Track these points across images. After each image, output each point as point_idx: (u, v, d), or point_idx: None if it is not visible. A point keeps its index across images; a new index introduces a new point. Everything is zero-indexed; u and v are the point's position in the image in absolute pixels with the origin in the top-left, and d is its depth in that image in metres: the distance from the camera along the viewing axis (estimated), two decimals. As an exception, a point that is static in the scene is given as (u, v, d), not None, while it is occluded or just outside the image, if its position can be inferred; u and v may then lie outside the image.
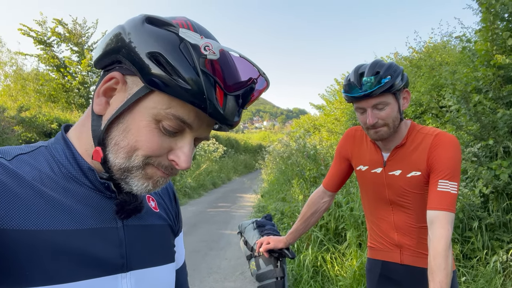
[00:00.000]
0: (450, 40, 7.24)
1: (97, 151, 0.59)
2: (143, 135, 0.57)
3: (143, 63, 0.54)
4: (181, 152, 0.59)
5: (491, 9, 3.47)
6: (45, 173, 0.58)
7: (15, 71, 13.74)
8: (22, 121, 7.60)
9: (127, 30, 0.57)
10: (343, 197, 4.38)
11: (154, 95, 0.56)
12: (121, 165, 0.58)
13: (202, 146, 14.28)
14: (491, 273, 3.08)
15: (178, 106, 0.56)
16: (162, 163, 0.59)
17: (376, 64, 1.35)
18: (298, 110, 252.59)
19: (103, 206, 0.62)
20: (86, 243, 0.56)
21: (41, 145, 0.63)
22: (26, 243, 0.51)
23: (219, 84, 0.55)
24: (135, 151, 0.57)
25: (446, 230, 1.21)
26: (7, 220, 0.50)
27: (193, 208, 8.49)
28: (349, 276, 3.39)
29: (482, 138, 3.62)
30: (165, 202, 0.80)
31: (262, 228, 1.65)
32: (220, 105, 0.56)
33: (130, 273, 0.62)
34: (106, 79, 0.59)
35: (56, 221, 0.54)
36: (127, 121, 0.58)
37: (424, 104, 5.57)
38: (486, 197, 3.49)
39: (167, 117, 0.56)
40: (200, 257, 4.95)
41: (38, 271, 0.51)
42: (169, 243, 0.76)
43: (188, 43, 0.54)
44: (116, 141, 0.58)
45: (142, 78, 0.55)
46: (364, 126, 1.42)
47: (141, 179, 0.60)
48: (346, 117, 8.16)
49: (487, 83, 3.80)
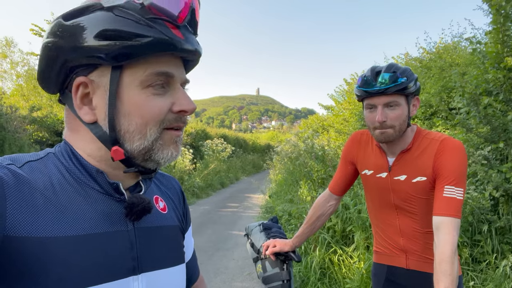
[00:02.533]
0: (461, 41, 7.17)
1: (115, 150, 0.60)
2: (144, 108, 0.59)
3: (97, 46, 0.55)
4: (182, 99, 0.62)
5: (502, 11, 3.43)
6: (56, 179, 0.59)
7: (27, 71, 13.93)
8: (33, 121, 7.72)
9: (57, 35, 0.58)
10: (351, 199, 4.36)
11: (126, 69, 0.58)
12: (140, 146, 0.60)
13: (211, 146, 14.33)
14: (500, 277, 3.04)
15: (151, 63, 0.59)
16: (170, 118, 0.62)
17: (393, 66, 1.38)
18: (307, 110, 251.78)
19: (113, 209, 0.62)
20: (97, 248, 0.57)
21: (49, 151, 0.64)
22: (38, 250, 0.51)
23: (168, 21, 0.58)
24: (146, 126, 0.59)
25: (452, 236, 1.21)
26: (20, 227, 0.51)
27: (201, 208, 8.53)
28: (357, 278, 3.38)
29: (493, 141, 3.58)
30: (174, 202, 0.81)
31: (268, 230, 1.66)
32: (181, 38, 0.58)
33: (141, 276, 0.63)
34: (75, 90, 0.60)
35: (67, 227, 0.55)
36: (122, 107, 0.59)
37: (434, 105, 5.52)
38: (496, 200, 3.46)
39: (150, 78, 0.59)
40: (207, 257, 4.98)
41: (50, 277, 0.51)
42: (179, 244, 0.76)
43: (119, 7, 0.56)
44: (125, 130, 0.60)
45: (106, 61, 0.56)
46: (371, 126, 1.42)
47: (164, 150, 0.62)
48: (355, 117, 8.11)
49: (497, 86, 3.76)
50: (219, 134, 18.53)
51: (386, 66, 1.38)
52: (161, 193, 0.78)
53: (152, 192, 0.75)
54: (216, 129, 22.23)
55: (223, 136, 18.51)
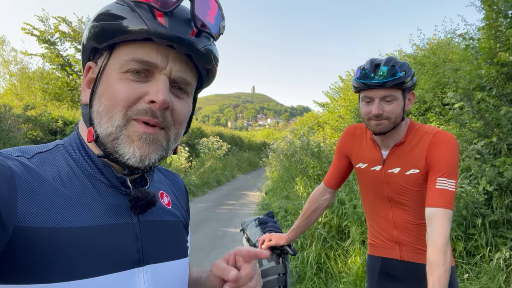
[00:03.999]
0: (454, 37, 7.22)
1: (89, 130, 0.61)
2: (113, 90, 0.59)
3: (94, 29, 0.60)
4: (155, 89, 0.59)
5: (494, 7, 3.46)
6: (64, 170, 0.60)
7: (20, 69, 13.82)
8: (27, 120, 7.66)
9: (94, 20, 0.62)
10: (346, 194, 4.39)
11: (114, 53, 0.60)
12: (106, 130, 0.59)
13: (206, 144, 14.31)
14: (494, 270, 3.09)
15: (137, 50, 0.59)
16: (140, 107, 0.59)
17: (392, 59, 1.39)
18: (302, 108, 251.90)
19: (119, 202, 0.63)
20: (104, 239, 0.58)
21: (58, 143, 0.65)
22: (48, 240, 0.52)
23: (154, 7, 0.58)
24: (112, 109, 0.59)
25: (444, 226, 1.23)
26: (29, 217, 0.52)
27: (197, 206, 8.53)
28: (353, 273, 3.41)
29: (486, 136, 3.62)
30: (179, 198, 0.82)
31: (264, 225, 1.67)
32: (163, 24, 0.58)
33: (146, 267, 0.63)
34: (85, 73, 0.65)
35: (75, 218, 0.56)
36: (99, 88, 0.61)
37: (428, 101, 5.56)
38: (490, 194, 3.49)
39: (130, 64, 0.59)
40: (204, 254, 4.99)
41: (59, 267, 0.52)
42: (183, 239, 0.77)
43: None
44: (97, 111, 0.61)
45: (95, 42, 0.60)
46: (366, 117, 1.43)
47: (127, 144, 0.59)
48: (350, 114, 8.15)
49: (490, 81, 3.79)
50: (214, 132, 18.51)
51: (386, 60, 1.39)
52: (166, 188, 0.80)
53: (157, 187, 0.76)
54: (212, 127, 22.21)
55: (219, 134, 18.48)
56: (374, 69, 1.38)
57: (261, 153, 16.71)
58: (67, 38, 12.70)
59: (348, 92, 9.45)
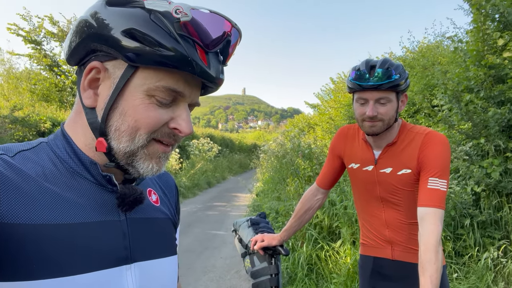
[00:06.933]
0: (443, 40, 7.32)
1: (101, 141, 0.60)
2: (141, 113, 0.58)
3: (120, 42, 0.55)
4: (181, 119, 0.61)
5: (482, 10, 3.52)
6: (48, 168, 0.59)
7: (7, 70, 13.60)
8: (15, 121, 7.54)
9: (93, 16, 0.58)
10: (337, 195, 4.41)
11: (140, 72, 0.58)
12: (126, 149, 0.60)
13: (197, 146, 14.26)
14: (482, 269, 3.13)
15: (166, 77, 0.58)
16: (164, 131, 0.61)
17: (387, 61, 1.39)
18: (293, 110, 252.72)
19: (106, 200, 0.63)
20: (90, 236, 0.58)
21: (41, 141, 0.64)
22: (32, 237, 0.52)
23: (199, 44, 0.57)
24: (137, 131, 0.59)
25: (436, 226, 1.24)
26: (13, 214, 0.51)
27: (187, 208, 8.48)
28: (343, 273, 3.42)
29: (474, 137, 3.67)
30: (168, 196, 0.82)
31: (256, 226, 1.67)
32: (205, 63, 0.58)
33: (134, 265, 0.63)
34: (87, 71, 0.60)
35: (60, 215, 0.56)
36: (121, 105, 0.59)
37: (417, 103, 5.62)
38: (478, 195, 3.54)
39: (158, 90, 0.58)
40: (195, 256, 4.96)
41: (45, 264, 0.52)
42: (171, 236, 0.77)
43: (157, 13, 0.55)
44: (116, 127, 0.59)
45: (124, 57, 0.56)
46: (360, 118, 1.43)
47: (146, 160, 0.61)
48: (341, 116, 8.19)
49: (478, 83, 3.85)
50: (205, 134, 18.45)
51: (381, 61, 1.38)
52: (154, 186, 0.79)
53: (145, 185, 0.75)
54: (202, 129, 22.13)
55: (210, 135, 18.43)
56: (370, 70, 1.38)
57: (252, 155, 16.71)
58: (55, 38, 12.52)
59: (338, 94, 9.50)
